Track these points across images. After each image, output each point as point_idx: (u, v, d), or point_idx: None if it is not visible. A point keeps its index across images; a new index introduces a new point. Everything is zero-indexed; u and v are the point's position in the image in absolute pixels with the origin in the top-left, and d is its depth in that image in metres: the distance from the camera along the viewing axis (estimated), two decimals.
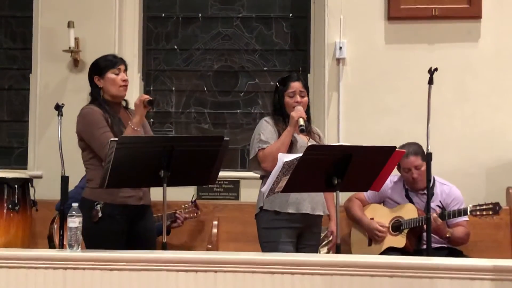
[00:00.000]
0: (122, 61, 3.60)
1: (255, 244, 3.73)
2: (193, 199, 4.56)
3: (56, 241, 4.27)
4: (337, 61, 4.96)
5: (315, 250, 3.75)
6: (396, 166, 3.69)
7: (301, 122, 3.51)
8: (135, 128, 3.39)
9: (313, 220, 3.67)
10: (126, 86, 3.56)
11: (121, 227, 3.43)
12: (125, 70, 3.59)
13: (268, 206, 3.60)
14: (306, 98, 3.72)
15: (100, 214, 3.37)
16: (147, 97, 3.38)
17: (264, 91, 5.29)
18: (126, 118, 3.55)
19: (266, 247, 3.59)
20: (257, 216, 3.69)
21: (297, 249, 3.63)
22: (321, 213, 3.70)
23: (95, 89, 3.55)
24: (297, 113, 3.55)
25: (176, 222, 4.38)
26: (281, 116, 3.72)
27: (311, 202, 3.61)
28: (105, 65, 3.54)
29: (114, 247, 3.25)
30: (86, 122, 3.45)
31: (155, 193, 3.55)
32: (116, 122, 3.48)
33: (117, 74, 3.53)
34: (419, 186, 4.23)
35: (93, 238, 3.38)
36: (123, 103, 3.64)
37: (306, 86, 3.76)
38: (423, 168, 4.03)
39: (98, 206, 3.37)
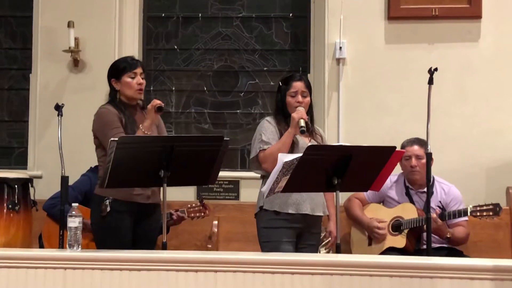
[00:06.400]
0: (139, 64, 3.65)
1: (255, 244, 3.73)
2: (202, 200, 4.54)
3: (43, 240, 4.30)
4: (337, 61, 4.96)
5: (315, 250, 3.75)
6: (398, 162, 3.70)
7: (302, 123, 3.50)
8: (146, 132, 3.46)
9: (313, 220, 3.66)
10: (141, 89, 3.64)
11: (128, 223, 3.50)
12: (142, 72, 3.65)
13: (268, 206, 3.60)
14: (308, 99, 3.71)
15: (108, 209, 3.45)
16: (158, 102, 3.46)
17: (264, 91, 5.30)
18: (141, 119, 3.60)
19: (266, 246, 3.59)
20: (257, 215, 3.69)
21: (297, 249, 3.62)
22: (321, 214, 3.70)
23: (112, 90, 3.64)
24: (298, 114, 3.54)
25: (172, 220, 4.36)
26: (282, 116, 3.72)
27: (311, 203, 3.61)
28: (122, 68, 3.61)
29: (120, 242, 3.38)
30: (101, 122, 3.54)
31: None
32: (131, 123, 3.55)
33: (133, 78, 3.59)
34: (416, 178, 4.23)
35: (101, 232, 3.52)
36: (140, 103, 3.69)
37: (308, 86, 3.75)
38: (423, 161, 4.05)
39: (107, 201, 3.46)
